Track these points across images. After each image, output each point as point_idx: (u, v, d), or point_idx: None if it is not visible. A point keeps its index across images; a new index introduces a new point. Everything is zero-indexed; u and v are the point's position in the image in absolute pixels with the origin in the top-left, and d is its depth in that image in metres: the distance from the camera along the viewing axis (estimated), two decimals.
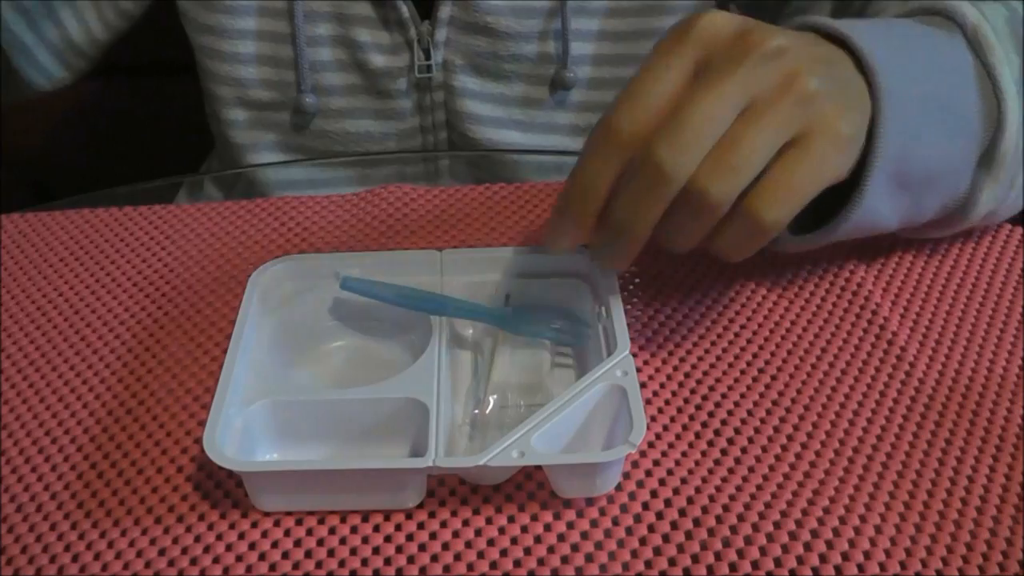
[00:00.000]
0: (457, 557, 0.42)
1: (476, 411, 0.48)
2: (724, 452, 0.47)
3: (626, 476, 0.45)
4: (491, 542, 0.43)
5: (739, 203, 0.44)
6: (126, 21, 0.78)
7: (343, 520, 0.44)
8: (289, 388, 0.47)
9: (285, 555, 0.42)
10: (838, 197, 0.50)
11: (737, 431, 0.48)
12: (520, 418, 0.44)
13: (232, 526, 0.43)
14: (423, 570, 0.42)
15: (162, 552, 0.42)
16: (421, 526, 0.43)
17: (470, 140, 0.77)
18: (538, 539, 0.43)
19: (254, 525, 0.44)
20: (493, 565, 0.42)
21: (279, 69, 0.75)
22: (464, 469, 0.44)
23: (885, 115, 0.49)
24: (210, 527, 0.43)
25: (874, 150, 0.49)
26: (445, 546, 0.43)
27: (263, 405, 0.46)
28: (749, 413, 0.49)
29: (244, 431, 0.45)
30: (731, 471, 0.46)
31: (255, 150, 0.79)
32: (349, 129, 0.77)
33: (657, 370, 0.52)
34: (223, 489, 0.45)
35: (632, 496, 0.45)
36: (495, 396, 0.48)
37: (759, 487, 0.45)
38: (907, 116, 0.50)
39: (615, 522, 0.44)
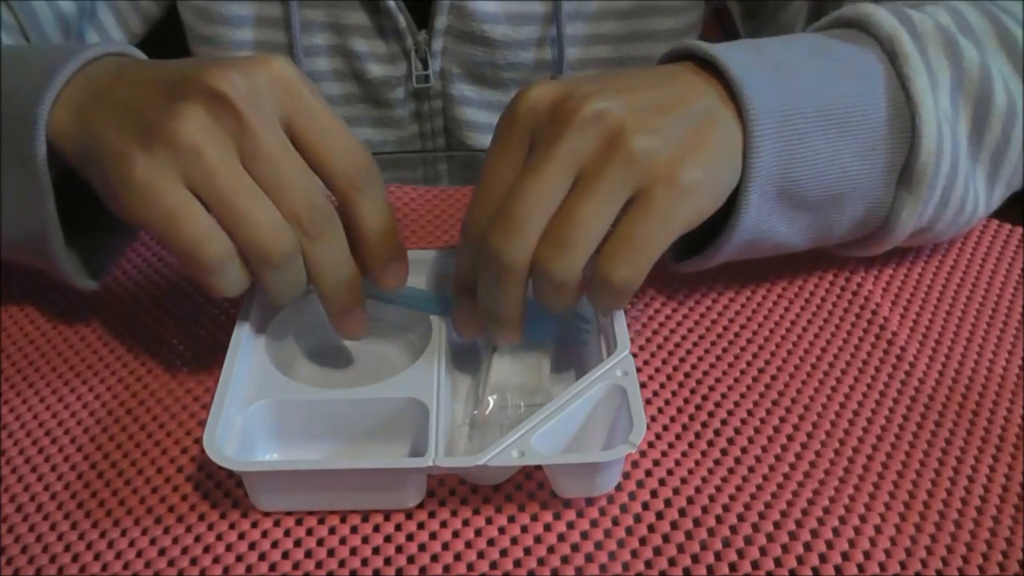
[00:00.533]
0: (457, 557, 0.42)
1: (475, 411, 0.48)
2: (724, 452, 0.47)
3: (626, 476, 0.45)
4: (491, 542, 0.43)
5: (595, 265, 0.45)
6: (146, 26, 0.78)
7: (343, 520, 0.44)
8: (289, 388, 0.47)
9: (285, 555, 0.42)
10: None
11: (737, 431, 0.48)
12: (520, 418, 0.44)
13: (232, 526, 0.43)
14: (423, 570, 0.42)
15: (162, 552, 0.42)
16: (421, 526, 0.43)
17: (468, 147, 0.77)
18: (538, 539, 0.43)
19: (254, 525, 0.44)
20: (493, 565, 0.42)
21: None
22: (464, 469, 0.44)
23: (754, 136, 0.47)
24: (210, 527, 0.43)
25: (747, 171, 0.48)
26: (445, 546, 0.43)
27: (263, 405, 0.46)
28: (749, 413, 0.49)
29: (244, 431, 0.45)
30: (731, 471, 0.46)
31: None
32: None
33: (657, 370, 0.52)
34: (223, 489, 0.45)
35: (632, 496, 0.45)
36: (495, 396, 0.48)
37: (759, 487, 0.45)
38: (787, 134, 0.48)
39: (615, 522, 0.44)
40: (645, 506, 0.44)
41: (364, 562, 0.42)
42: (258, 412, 0.46)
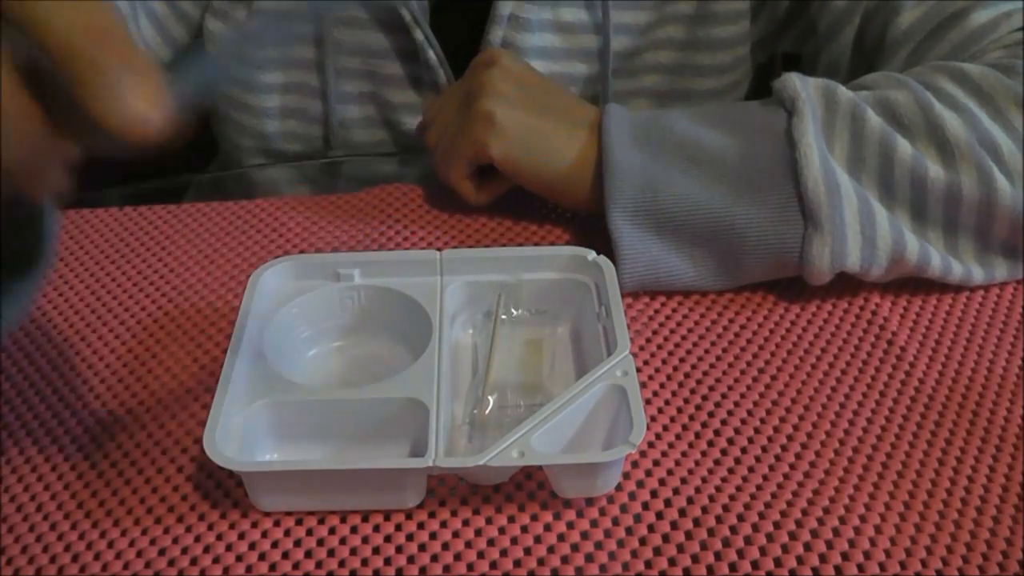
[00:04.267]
0: (457, 557, 0.42)
1: (475, 411, 0.48)
2: (724, 452, 0.47)
3: (626, 476, 0.45)
4: (491, 542, 0.43)
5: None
6: (174, 49, 0.77)
7: (343, 520, 0.44)
8: (289, 388, 0.47)
9: (285, 555, 0.42)
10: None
11: (737, 431, 0.48)
12: (520, 418, 0.44)
13: (232, 526, 0.43)
14: (423, 570, 0.42)
15: (162, 552, 0.42)
16: (421, 526, 0.43)
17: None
18: (538, 539, 0.43)
19: (254, 525, 0.44)
20: (493, 565, 0.42)
21: (306, 123, 0.75)
22: (464, 469, 0.44)
23: (610, 154, 0.56)
24: (210, 527, 0.43)
25: (607, 184, 0.55)
26: (445, 546, 0.43)
27: (263, 405, 0.46)
28: (749, 413, 0.49)
29: (244, 431, 0.45)
30: (731, 471, 0.46)
31: (274, 185, 0.79)
32: (375, 172, 0.76)
33: (657, 370, 0.52)
34: (223, 489, 0.45)
35: (632, 496, 0.45)
36: (495, 396, 0.48)
37: (759, 487, 0.45)
38: (647, 163, 0.56)
39: (615, 522, 0.44)
40: (645, 506, 0.44)
41: (364, 562, 0.42)
42: (258, 412, 0.46)
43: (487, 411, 0.48)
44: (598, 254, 0.53)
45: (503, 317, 0.52)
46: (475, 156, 0.59)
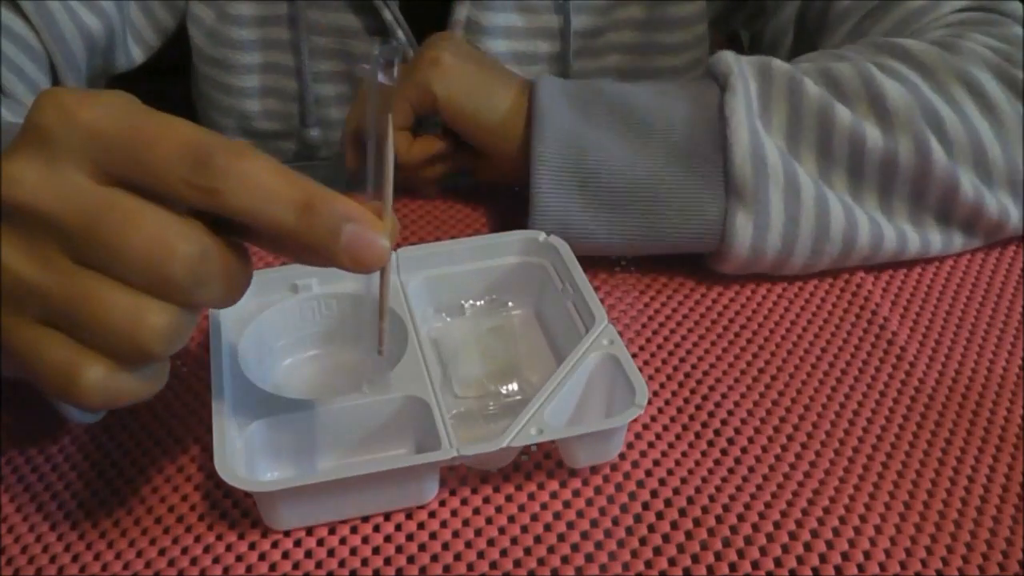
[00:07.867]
0: (457, 557, 0.42)
1: (455, 410, 0.48)
2: (724, 452, 0.47)
3: (626, 476, 0.45)
4: (491, 542, 0.43)
5: None
6: (162, 39, 0.77)
7: (343, 520, 0.44)
8: (283, 404, 0.45)
9: (285, 555, 0.42)
10: None
11: (737, 431, 0.48)
12: (501, 405, 0.44)
13: (232, 526, 0.43)
14: (423, 570, 0.42)
15: (162, 552, 0.42)
16: (421, 526, 0.43)
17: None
18: (538, 539, 0.43)
19: (254, 525, 0.44)
20: (493, 565, 0.42)
21: (283, 101, 0.76)
22: (488, 454, 0.42)
23: (539, 108, 0.56)
24: (210, 527, 0.43)
25: (534, 138, 0.56)
26: (445, 546, 0.43)
27: (260, 425, 0.44)
28: (749, 413, 0.49)
29: (245, 453, 0.43)
30: (731, 471, 0.46)
31: None
32: None
33: (657, 370, 0.52)
34: (223, 489, 0.45)
35: (632, 496, 0.45)
36: (470, 388, 0.48)
37: (759, 487, 0.45)
38: (576, 119, 0.56)
39: (615, 522, 0.44)
40: (645, 506, 0.44)
41: (364, 562, 0.42)
42: (256, 432, 0.44)
43: (463, 408, 0.48)
44: (548, 235, 0.53)
45: (465, 308, 0.52)
46: (418, 99, 0.60)
